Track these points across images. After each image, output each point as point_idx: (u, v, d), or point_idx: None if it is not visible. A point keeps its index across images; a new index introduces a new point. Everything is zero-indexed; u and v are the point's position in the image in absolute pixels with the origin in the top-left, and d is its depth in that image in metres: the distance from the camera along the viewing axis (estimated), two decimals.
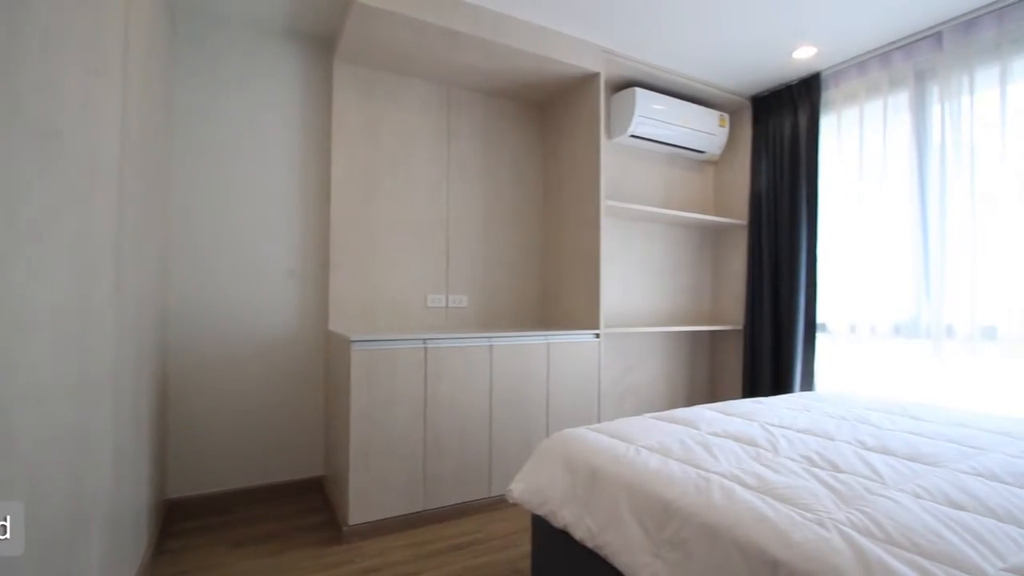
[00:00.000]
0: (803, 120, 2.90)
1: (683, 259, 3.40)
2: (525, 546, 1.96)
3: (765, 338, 3.04)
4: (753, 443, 1.49)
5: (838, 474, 1.24)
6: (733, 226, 3.34)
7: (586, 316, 2.72)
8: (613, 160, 3.09)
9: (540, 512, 1.48)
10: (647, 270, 3.23)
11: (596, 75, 2.66)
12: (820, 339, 2.87)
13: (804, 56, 2.69)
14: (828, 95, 2.84)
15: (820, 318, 2.86)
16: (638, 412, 3.14)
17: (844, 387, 2.78)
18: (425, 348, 2.16)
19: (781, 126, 3.02)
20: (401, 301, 2.62)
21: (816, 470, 1.27)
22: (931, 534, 0.93)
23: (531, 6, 2.30)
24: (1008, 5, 2.15)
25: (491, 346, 2.32)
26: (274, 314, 2.42)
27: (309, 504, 2.36)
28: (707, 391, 3.51)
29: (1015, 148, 2.16)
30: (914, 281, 2.47)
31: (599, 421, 2.64)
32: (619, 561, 1.19)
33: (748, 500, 1.08)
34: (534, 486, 1.52)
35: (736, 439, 1.54)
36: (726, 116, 3.20)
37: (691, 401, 3.42)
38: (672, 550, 1.09)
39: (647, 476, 1.25)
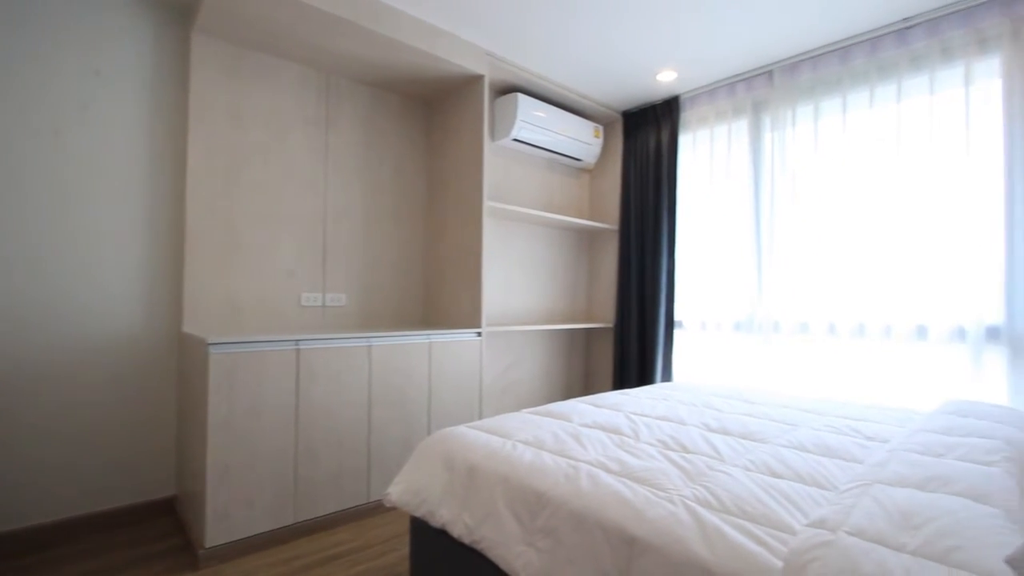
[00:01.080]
0: (665, 137, 3.21)
1: (561, 260, 3.58)
2: (404, 550, 1.93)
3: (632, 335, 3.31)
4: (618, 432, 1.63)
5: (687, 455, 1.39)
6: (606, 231, 3.59)
7: (468, 315, 2.75)
8: (496, 162, 3.16)
9: (419, 513, 1.47)
10: (528, 270, 3.35)
11: (481, 77, 2.70)
12: (678, 335, 3.20)
13: (666, 79, 2.98)
14: (685, 116, 3.18)
15: (678, 316, 3.19)
16: (518, 408, 3.26)
17: (696, 377, 3.13)
18: (298, 350, 2.03)
19: (647, 141, 3.32)
20: (272, 300, 2.43)
21: (669, 452, 1.42)
22: (755, 500, 1.09)
23: (416, 2, 2.26)
24: (820, 55, 2.58)
25: (370, 346, 2.25)
26: (114, 315, 2.10)
27: (159, 528, 2.09)
28: (583, 385, 3.74)
29: (825, 173, 2.60)
30: (750, 284, 2.86)
31: (480, 418, 2.69)
32: (495, 554, 1.22)
33: (611, 484, 1.17)
34: (413, 487, 1.50)
35: (604, 429, 1.66)
36: (600, 128, 3.43)
37: (568, 395, 3.62)
38: (544, 538, 1.15)
39: (522, 469, 1.30)
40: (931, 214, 2.29)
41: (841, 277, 2.54)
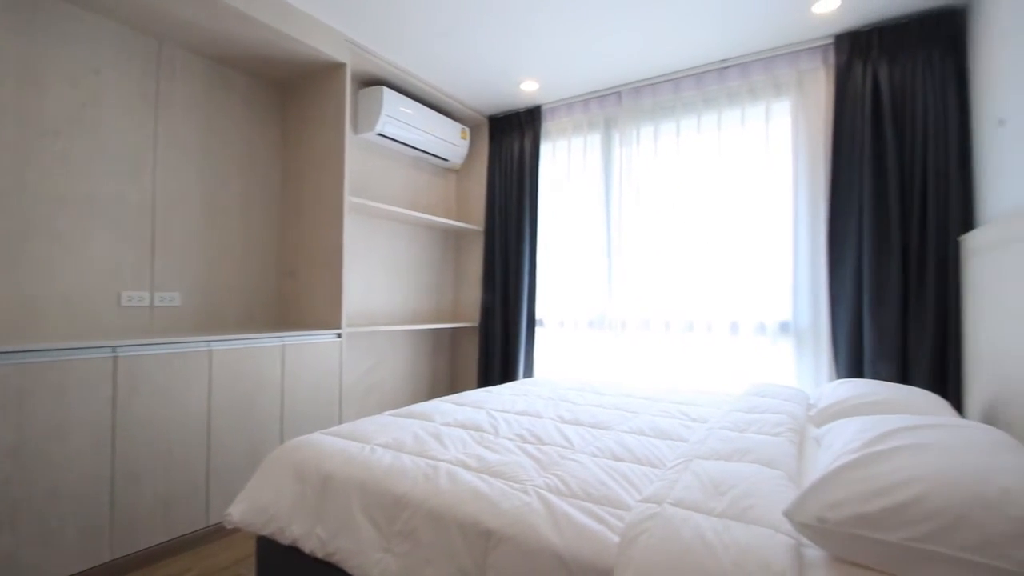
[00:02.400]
0: (528, 144, 3.36)
1: (427, 260, 3.56)
2: (250, 574, 1.77)
3: (496, 333, 3.41)
4: (479, 428, 1.67)
5: (542, 446, 1.48)
6: (472, 231, 3.65)
7: (328, 315, 2.60)
8: (360, 156, 3.04)
9: (266, 532, 1.35)
10: (392, 269, 3.27)
11: (342, 66, 2.57)
12: (539, 333, 3.37)
13: (529, 89, 3.12)
14: (547, 126, 3.36)
15: (539, 315, 3.36)
16: (382, 410, 3.17)
17: (555, 372, 3.33)
18: (115, 357, 1.74)
19: (512, 146, 3.44)
20: (81, 300, 2.05)
21: (526, 445, 1.49)
22: (599, 483, 1.19)
23: None
24: (659, 83, 2.91)
25: (211, 351, 2.02)
26: None
27: None
28: (448, 384, 3.76)
29: (662, 187, 2.93)
30: (601, 285, 3.13)
31: (341, 423, 2.56)
32: (351, 564, 1.18)
33: (469, 481, 1.20)
34: (258, 504, 1.38)
35: (465, 427, 1.69)
36: (467, 129, 3.48)
37: (433, 395, 3.61)
38: (402, 541, 1.14)
39: (379, 473, 1.27)
40: (741, 227, 2.71)
41: (675, 280, 2.89)
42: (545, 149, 3.37)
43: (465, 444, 1.50)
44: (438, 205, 3.64)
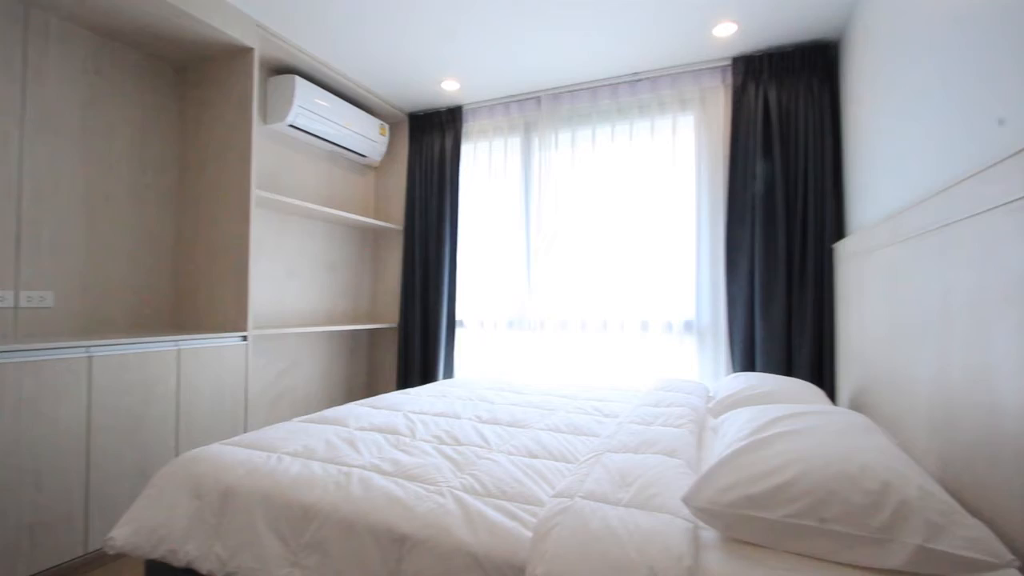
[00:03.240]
0: (449, 144, 3.34)
1: (343, 258, 3.43)
2: None
3: (416, 334, 3.36)
4: (395, 432, 1.63)
5: (459, 447, 1.48)
6: (391, 230, 3.57)
7: (232, 317, 2.42)
8: (269, 148, 2.87)
9: (156, 555, 1.24)
10: (306, 268, 3.12)
11: (250, 50, 2.41)
12: (459, 333, 3.36)
13: (450, 89, 3.11)
14: (468, 126, 3.36)
15: (459, 315, 3.35)
16: (294, 416, 3.00)
17: (475, 373, 3.33)
18: None
19: (432, 145, 3.40)
20: None
21: (443, 446, 1.48)
22: (514, 481, 1.21)
23: None
24: (576, 91, 3.01)
25: (91, 357, 1.81)
26: None
27: None
28: (366, 387, 3.64)
29: (579, 192, 3.04)
30: (521, 286, 3.18)
31: (246, 431, 2.40)
32: None
33: (384, 486, 1.17)
34: (147, 525, 1.26)
35: (380, 430, 1.65)
36: (386, 126, 3.40)
37: (351, 398, 3.48)
38: (311, 554, 1.09)
39: (286, 483, 1.20)
40: (651, 231, 2.87)
41: (591, 281, 3.01)
42: (466, 150, 3.37)
43: (380, 448, 1.46)
44: (356, 202, 3.52)
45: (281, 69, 2.83)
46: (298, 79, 2.72)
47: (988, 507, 1.04)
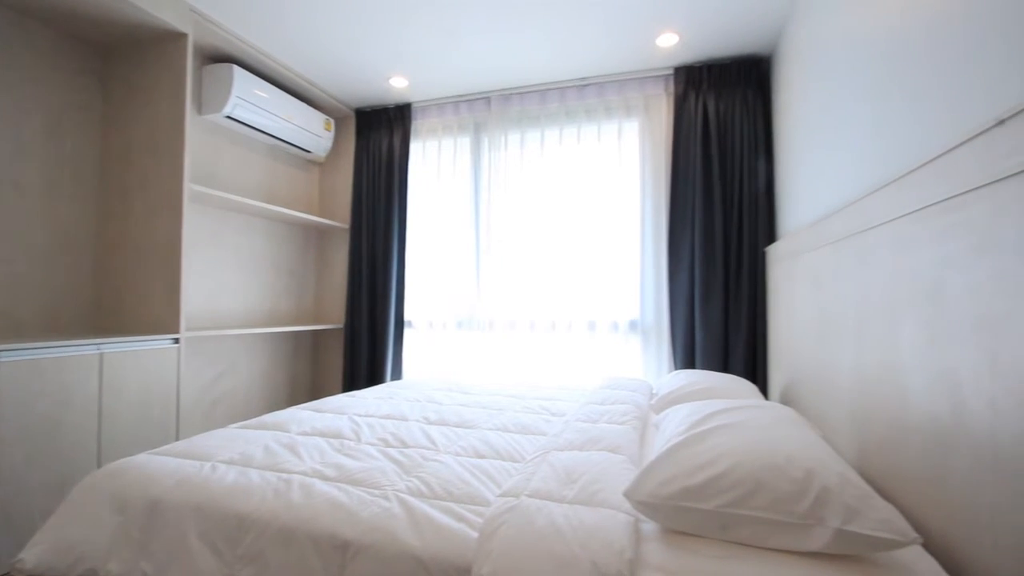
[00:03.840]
0: (397, 141, 3.29)
1: (286, 257, 3.30)
2: None
3: (363, 335, 3.28)
4: (339, 436, 1.59)
5: (405, 449, 1.46)
6: (337, 228, 3.47)
7: (162, 318, 2.28)
8: (205, 140, 2.72)
9: (73, 575, 1.15)
10: (245, 267, 2.98)
11: (183, 36, 2.28)
12: (407, 334, 3.31)
13: (399, 86, 3.06)
14: (417, 124, 3.32)
15: (407, 315, 3.31)
16: (232, 421, 2.87)
17: (424, 374, 3.30)
18: None
19: (380, 142, 3.34)
20: None
21: (389, 449, 1.46)
22: (461, 482, 1.21)
23: None
24: (526, 93, 3.04)
25: None
26: None
27: None
28: (310, 390, 3.52)
29: (529, 193, 3.07)
30: (470, 286, 3.17)
31: (178, 440, 2.26)
32: None
33: (326, 492, 1.14)
34: (63, 543, 1.17)
35: (324, 435, 1.60)
36: (332, 121, 3.30)
37: (293, 402, 3.36)
38: (247, 565, 1.04)
39: (221, 493, 1.15)
40: (598, 233, 2.94)
41: (539, 281, 3.05)
42: (415, 148, 3.33)
43: (323, 453, 1.42)
44: (299, 199, 3.40)
45: (218, 57, 2.69)
46: (236, 68, 2.59)
47: (897, 490, 1.14)
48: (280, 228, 3.25)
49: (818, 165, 1.84)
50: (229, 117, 2.63)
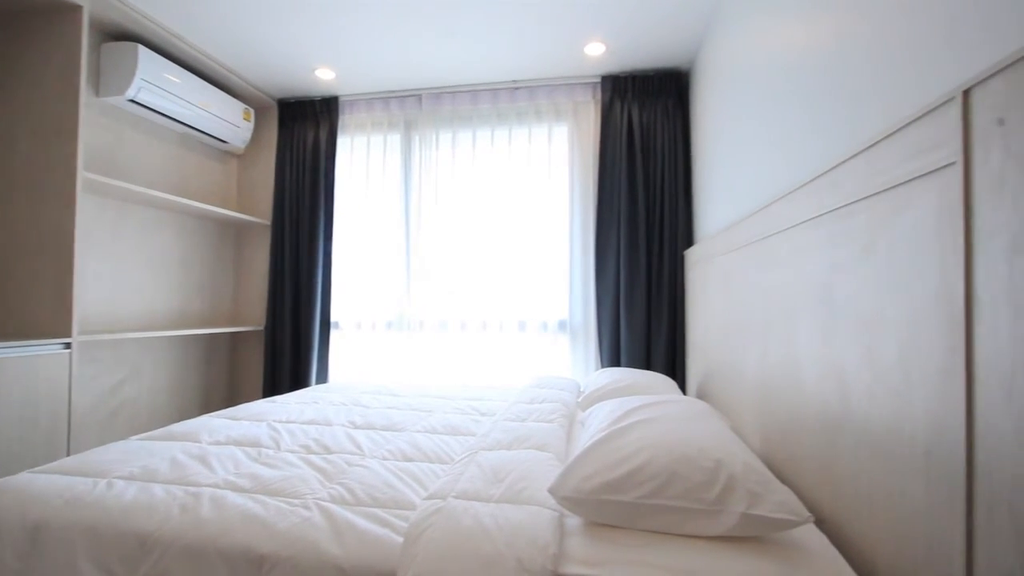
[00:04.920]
0: (324, 135, 3.16)
1: (198, 255, 3.07)
2: None
3: (286, 337, 3.13)
4: (257, 444, 1.51)
5: (328, 455, 1.41)
6: (257, 225, 3.28)
7: (51, 320, 2.05)
8: (104, 124, 2.48)
9: None
10: (150, 264, 2.74)
11: (77, 8, 2.07)
12: (334, 335, 3.19)
13: (325, 77, 2.94)
14: (344, 119, 3.21)
15: (334, 316, 3.19)
16: (135, 433, 2.63)
17: (351, 377, 3.19)
18: None
19: (305, 135, 3.19)
20: None
21: (311, 456, 1.40)
22: (387, 487, 1.19)
23: None
24: (458, 93, 3.02)
25: None
26: None
27: None
28: (226, 397, 3.31)
29: (460, 193, 3.06)
30: (400, 285, 3.11)
31: (69, 456, 2.05)
32: None
33: (240, 505, 1.07)
34: None
35: (239, 444, 1.51)
36: (251, 111, 3.12)
37: (207, 410, 3.13)
38: None
39: (118, 512, 1.05)
40: (528, 234, 2.98)
41: (470, 281, 3.04)
42: (342, 143, 3.21)
43: (238, 463, 1.34)
44: (215, 192, 3.18)
45: (120, 35, 2.46)
46: (141, 48, 2.38)
47: (795, 474, 1.25)
48: (192, 223, 3.02)
49: (730, 174, 1.98)
50: (133, 101, 2.41)
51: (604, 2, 2.18)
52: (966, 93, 0.68)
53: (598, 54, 2.63)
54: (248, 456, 1.40)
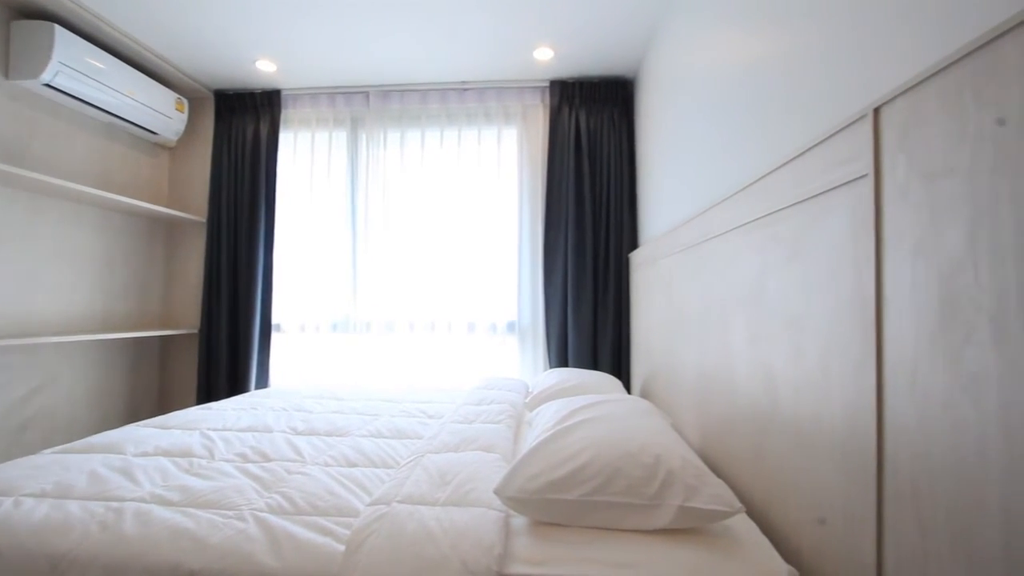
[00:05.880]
0: (265, 129, 3.03)
1: (125, 253, 2.87)
2: None
3: (222, 340, 2.97)
4: (188, 454, 1.43)
5: (267, 463, 1.35)
6: (191, 222, 3.11)
7: None
8: (14, 110, 2.27)
9: None
10: (69, 263, 2.54)
11: None
12: (276, 338, 3.07)
13: (266, 69, 2.82)
14: (287, 114, 3.09)
15: (275, 318, 3.06)
16: (51, 446, 2.42)
17: (294, 381, 3.08)
18: None
19: (245, 129, 3.05)
20: None
21: (248, 465, 1.34)
22: (328, 494, 1.15)
23: None
24: (406, 92, 2.98)
25: None
26: None
27: None
28: (156, 405, 3.11)
29: (408, 193, 3.01)
30: (346, 286, 3.03)
31: None
32: None
33: (167, 519, 1.01)
34: None
35: (169, 454, 1.42)
36: (185, 101, 2.95)
37: (135, 419, 2.93)
38: None
39: (25, 533, 0.96)
40: (477, 235, 2.98)
41: (419, 282, 3.00)
42: (285, 138, 3.09)
43: (166, 475, 1.26)
44: (144, 187, 2.98)
45: (34, 13, 2.27)
46: (59, 29, 2.21)
47: (729, 467, 1.31)
48: (118, 219, 2.82)
49: (672, 179, 2.05)
50: (49, 86, 2.23)
51: (552, 8, 2.21)
52: (876, 111, 0.73)
53: (547, 59, 2.66)
54: (178, 467, 1.32)
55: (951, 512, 0.60)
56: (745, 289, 1.20)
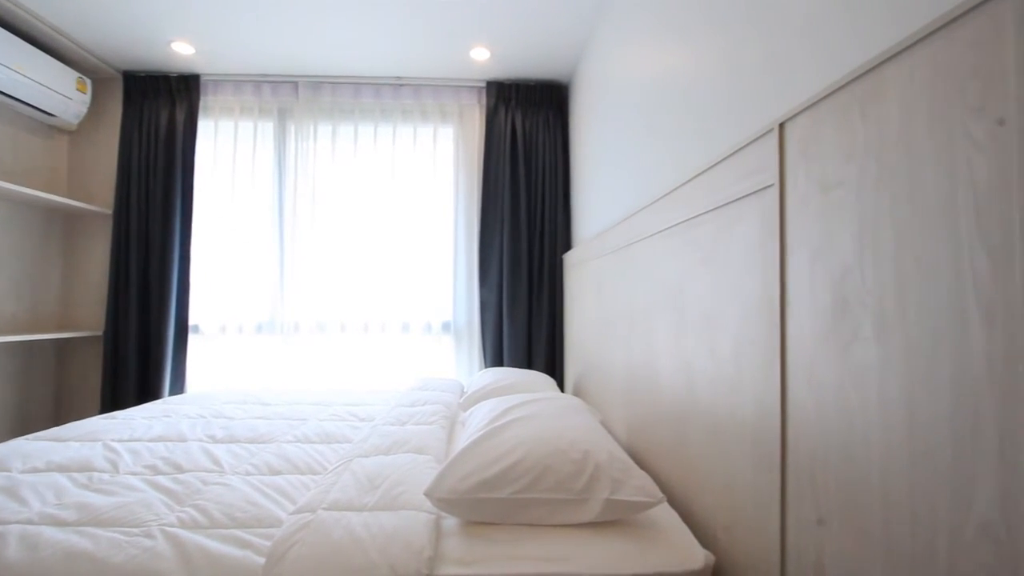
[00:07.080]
0: (181, 116, 2.82)
1: (12, 247, 2.58)
2: None
3: (131, 344, 2.74)
4: (87, 468, 1.30)
5: (180, 475, 1.26)
6: (94, 214, 2.84)
7: None
8: None
9: None
10: None
11: None
12: (192, 340, 2.86)
13: (183, 52, 2.63)
14: (207, 100, 2.89)
15: (193, 319, 2.86)
16: None
17: (214, 385, 2.89)
18: None
19: (158, 114, 2.82)
20: None
21: (158, 477, 1.24)
22: (249, 504, 1.09)
23: None
24: (339, 84, 2.88)
25: None
26: None
27: None
28: (52, 415, 2.81)
29: (340, 189, 2.92)
30: (272, 285, 2.89)
31: None
32: None
33: (61, 541, 0.92)
34: None
35: (65, 469, 1.29)
36: (87, 81, 2.69)
37: (26, 431, 2.63)
38: None
39: None
40: (412, 234, 2.93)
41: (351, 281, 2.91)
42: (205, 127, 2.89)
43: (61, 493, 1.15)
44: (36, 173, 2.69)
45: None
46: None
47: (654, 459, 1.37)
48: (4, 209, 2.52)
49: (602, 184, 2.12)
50: None
51: (489, 9, 2.22)
52: (782, 126, 0.80)
53: (483, 59, 2.66)
54: (75, 483, 1.20)
55: (842, 492, 0.66)
56: (668, 290, 1.26)
